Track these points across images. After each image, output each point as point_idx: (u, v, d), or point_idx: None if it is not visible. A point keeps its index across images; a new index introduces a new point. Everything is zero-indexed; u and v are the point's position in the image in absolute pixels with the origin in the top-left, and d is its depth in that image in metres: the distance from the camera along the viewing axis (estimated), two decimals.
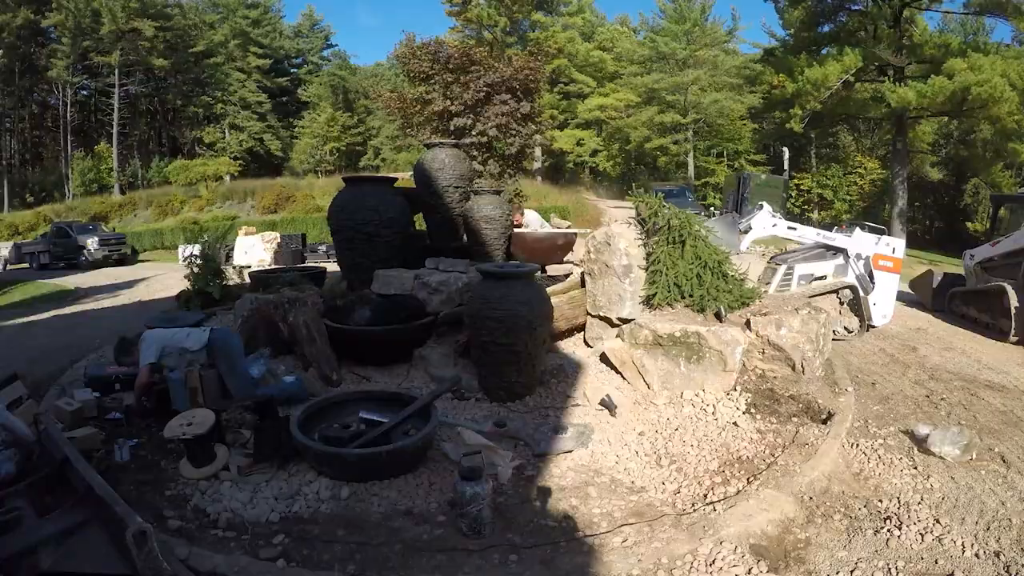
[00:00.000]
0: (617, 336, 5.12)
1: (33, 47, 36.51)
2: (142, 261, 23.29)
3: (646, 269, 5.27)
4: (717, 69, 32.55)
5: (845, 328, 6.97)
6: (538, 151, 29.58)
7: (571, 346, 5.39)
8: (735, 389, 4.47)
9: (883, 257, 6.93)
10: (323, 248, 18.98)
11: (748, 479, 3.28)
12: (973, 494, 3.35)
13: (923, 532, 2.97)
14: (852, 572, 2.68)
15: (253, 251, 18.15)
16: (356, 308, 5.28)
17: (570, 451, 3.59)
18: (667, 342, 4.60)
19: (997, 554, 2.81)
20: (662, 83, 32.38)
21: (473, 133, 13.83)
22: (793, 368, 4.76)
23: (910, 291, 9.84)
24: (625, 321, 5.11)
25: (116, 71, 37.14)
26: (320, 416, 3.64)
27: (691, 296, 5.06)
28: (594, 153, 36.32)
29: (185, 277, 8.17)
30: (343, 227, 5.84)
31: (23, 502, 2.70)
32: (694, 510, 2.99)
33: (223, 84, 41.33)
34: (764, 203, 7.21)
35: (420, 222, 7.21)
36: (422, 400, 3.64)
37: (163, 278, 15.24)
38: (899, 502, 3.25)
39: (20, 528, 2.50)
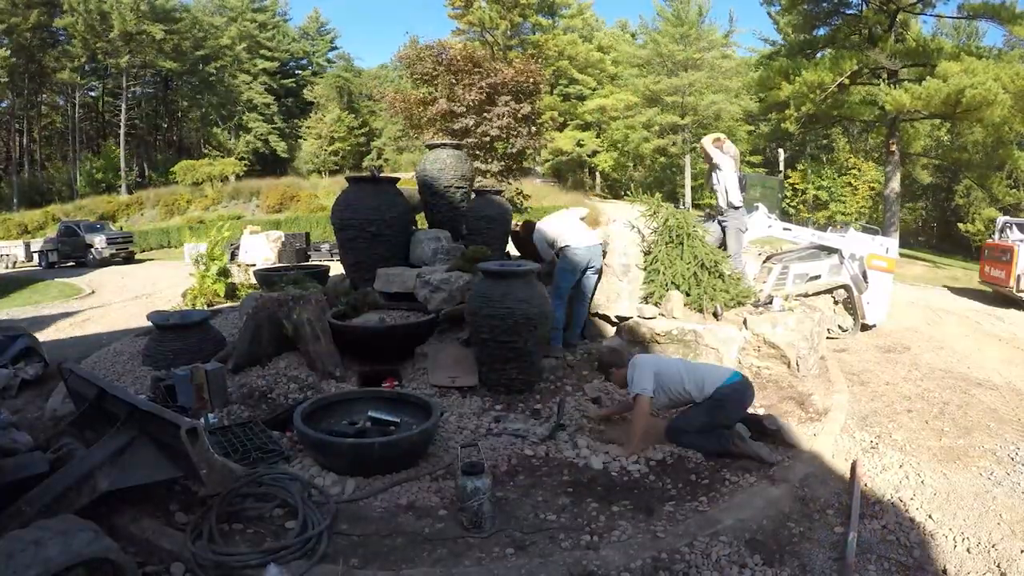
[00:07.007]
0: (615, 334, 5.20)
1: (42, 53, 36.65)
2: (150, 260, 23.36)
3: (644, 268, 5.35)
4: (714, 71, 32.65)
5: (839, 327, 7.03)
6: (539, 152, 29.69)
7: None
8: None
9: (877, 257, 6.98)
10: (326, 247, 19.09)
11: (744, 474, 3.34)
12: (965, 490, 3.40)
13: (916, 527, 3.02)
14: None
15: (258, 249, 18.26)
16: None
17: (569, 447, 3.65)
18: (664, 340, 4.66)
19: (989, 550, 2.85)
20: (661, 84, 32.47)
21: (477, 132, 13.94)
22: (788, 365, 4.83)
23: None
24: (623, 319, 5.17)
25: (125, 73, 37.34)
26: (327, 413, 3.67)
27: (688, 295, 5.13)
28: (594, 154, 36.43)
29: (191, 275, 8.28)
30: (346, 226, 5.91)
31: (70, 439, 2.93)
32: (690, 504, 3.05)
33: (230, 86, 41.51)
34: (759, 204, 7.25)
35: (422, 221, 7.28)
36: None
37: (169, 276, 15.32)
38: (892, 497, 3.31)
39: (73, 460, 2.67)
